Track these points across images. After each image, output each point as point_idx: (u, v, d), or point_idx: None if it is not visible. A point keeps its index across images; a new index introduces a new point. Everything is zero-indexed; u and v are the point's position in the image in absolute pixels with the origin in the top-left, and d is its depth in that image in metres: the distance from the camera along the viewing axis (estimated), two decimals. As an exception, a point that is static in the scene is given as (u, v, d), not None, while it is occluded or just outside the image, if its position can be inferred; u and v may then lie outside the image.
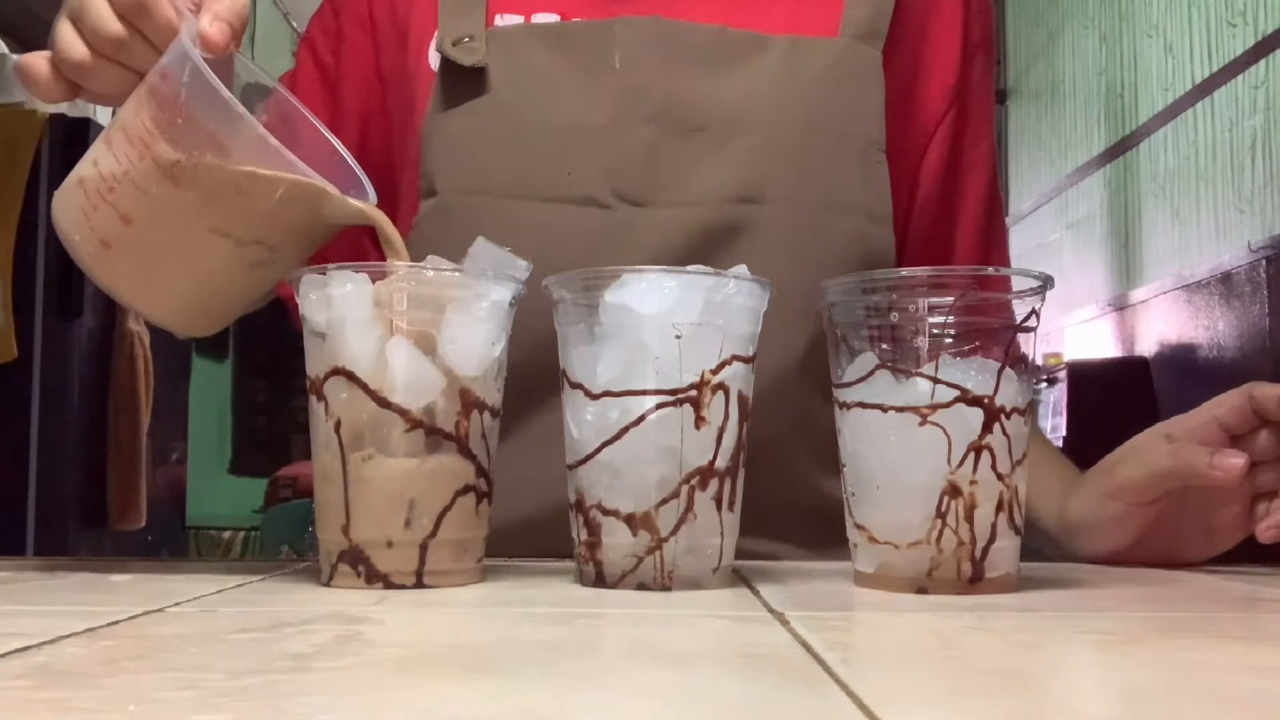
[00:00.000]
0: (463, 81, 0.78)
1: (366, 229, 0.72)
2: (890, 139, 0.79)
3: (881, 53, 0.79)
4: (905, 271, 0.57)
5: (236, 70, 0.64)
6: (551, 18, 0.80)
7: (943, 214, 0.85)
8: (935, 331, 0.56)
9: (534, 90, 0.78)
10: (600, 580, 0.57)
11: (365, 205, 0.61)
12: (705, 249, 0.74)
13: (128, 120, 0.59)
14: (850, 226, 0.77)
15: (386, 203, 0.82)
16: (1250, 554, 0.70)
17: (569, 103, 0.77)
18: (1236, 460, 0.64)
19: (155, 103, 0.58)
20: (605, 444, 0.56)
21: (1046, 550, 0.77)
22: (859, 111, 0.78)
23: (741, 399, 0.57)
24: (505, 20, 0.80)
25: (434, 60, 0.80)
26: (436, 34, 0.79)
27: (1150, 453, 0.68)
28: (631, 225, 0.75)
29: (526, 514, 0.73)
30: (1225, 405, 0.66)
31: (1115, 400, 3.09)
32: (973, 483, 0.55)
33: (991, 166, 0.88)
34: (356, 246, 0.81)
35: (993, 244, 0.88)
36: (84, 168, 0.61)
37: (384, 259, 0.60)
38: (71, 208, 0.60)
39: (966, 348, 0.56)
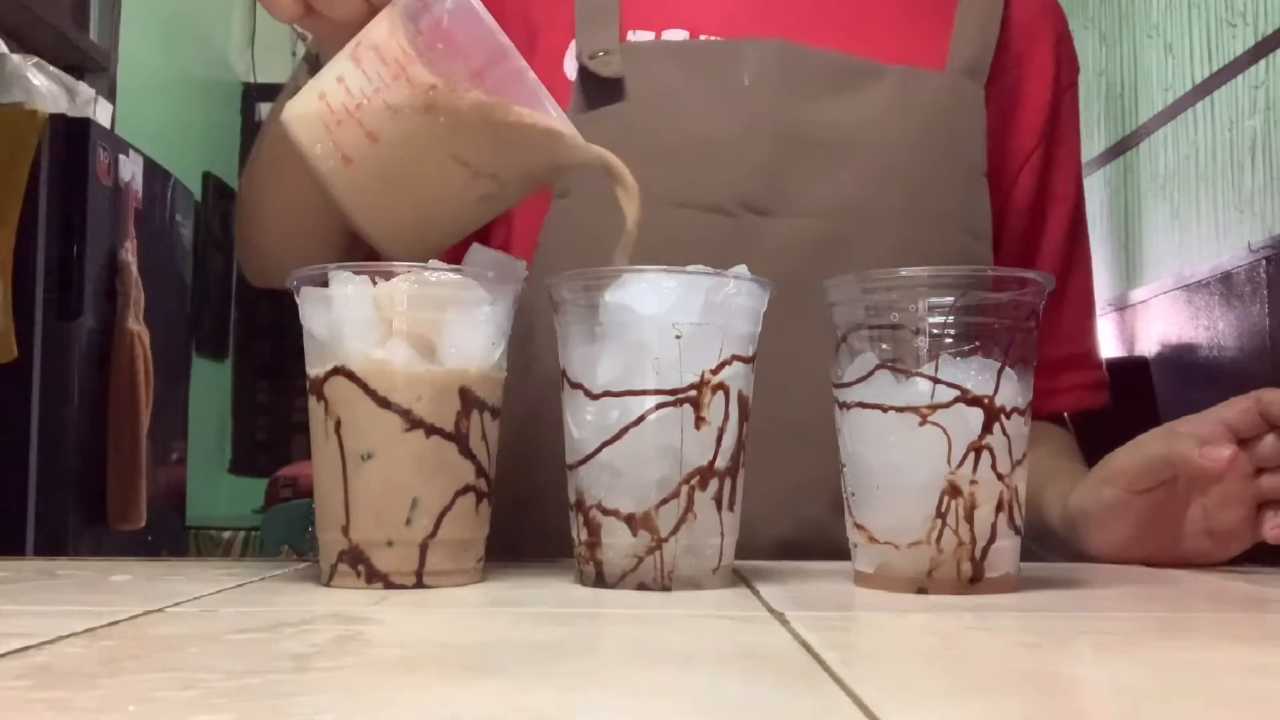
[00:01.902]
0: (599, 91, 0.82)
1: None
2: (986, 167, 0.84)
3: (984, 88, 0.85)
4: (905, 271, 0.57)
5: None
6: (681, 34, 0.85)
7: (1028, 243, 0.89)
8: (935, 331, 0.56)
9: (667, 102, 0.82)
10: (600, 580, 0.57)
11: (604, 151, 0.62)
12: (820, 257, 0.78)
13: (380, 40, 0.59)
14: (954, 241, 0.82)
15: None
16: (1252, 555, 0.70)
17: (699, 115, 0.82)
18: (1224, 451, 0.65)
19: (414, 25, 0.59)
20: (605, 444, 0.56)
21: (1056, 559, 0.77)
22: (964, 139, 0.84)
23: (741, 399, 0.57)
24: (637, 36, 0.84)
25: (570, 70, 0.84)
26: (573, 45, 0.83)
27: (1145, 441, 0.70)
28: (753, 233, 0.79)
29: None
30: (1234, 408, 0.67)
31: (1115, 400, 3.08)
32: (973, 483, 0.55)
33: (1077, 198, 0.92)
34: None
35: (1073, 271, 0.91)
36: (325, 83, 0.61)
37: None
38: (312, 120, 0.61)
39: (967, 348, 0.56)
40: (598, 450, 0.56)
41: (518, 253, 0.84)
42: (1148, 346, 3.29)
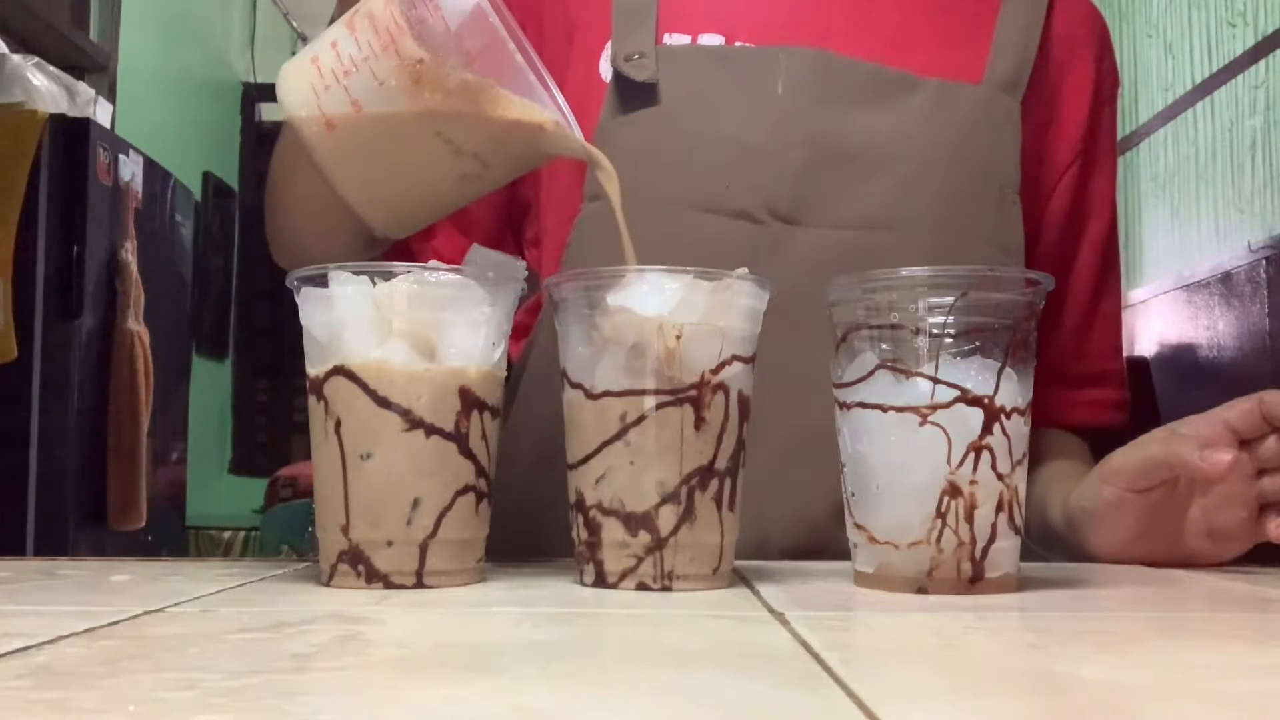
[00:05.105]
0: (633, 94, 0.82)
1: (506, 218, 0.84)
2: (1021, 182, 0.84)
3: (1020, 103, 0.84)
4: (905, 271, 0.57)
5: None
6: (716, 39, 0.84)
7: (1062, 258, 0.88)
8: (935, 331, 0.56)
9: (700, 107, 0.82)
10: (600, 580, 0.57)
11: (591, 147, 0.63)
12: (848, 269, 0.77)
13: (375, 9, 0.60)
14: (984, 256, 0.81)
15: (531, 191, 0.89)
16: (1252, 555, 0.70)
17: (732, 121, 0.81)
18: (1224, 456, 0.65)
19: None
20: (605, 444, 0.56)
21: (1059, 560, 0.77)
22: (997, 155, 0.83)
23: (742, 399, 0.57)
24: (673, 39, 0.84)
25: (605, 71, 0.84)
26: (609, 46, 0.83)
27: (1146, 441, 0.70)
28: (781, 242, 0.79)
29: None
30: (1236, 409, 0.67)
31: (1115, 400, 3.08)
32: (973, 483, 0.55)
33: (1111, 213, 0.91)
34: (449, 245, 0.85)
35: (1105, 288, 0.91)
36: (320, 46, 0.61)
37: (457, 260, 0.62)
38: (301, 82, 0.61)
39: (967, 348, 0.56)
40: (598, 450, 0.56)
41: (549, 254, 0.84)
42: (1148, 346, 3.29)
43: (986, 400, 0.55)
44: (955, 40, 0.86)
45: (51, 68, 2.56)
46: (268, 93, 4.40)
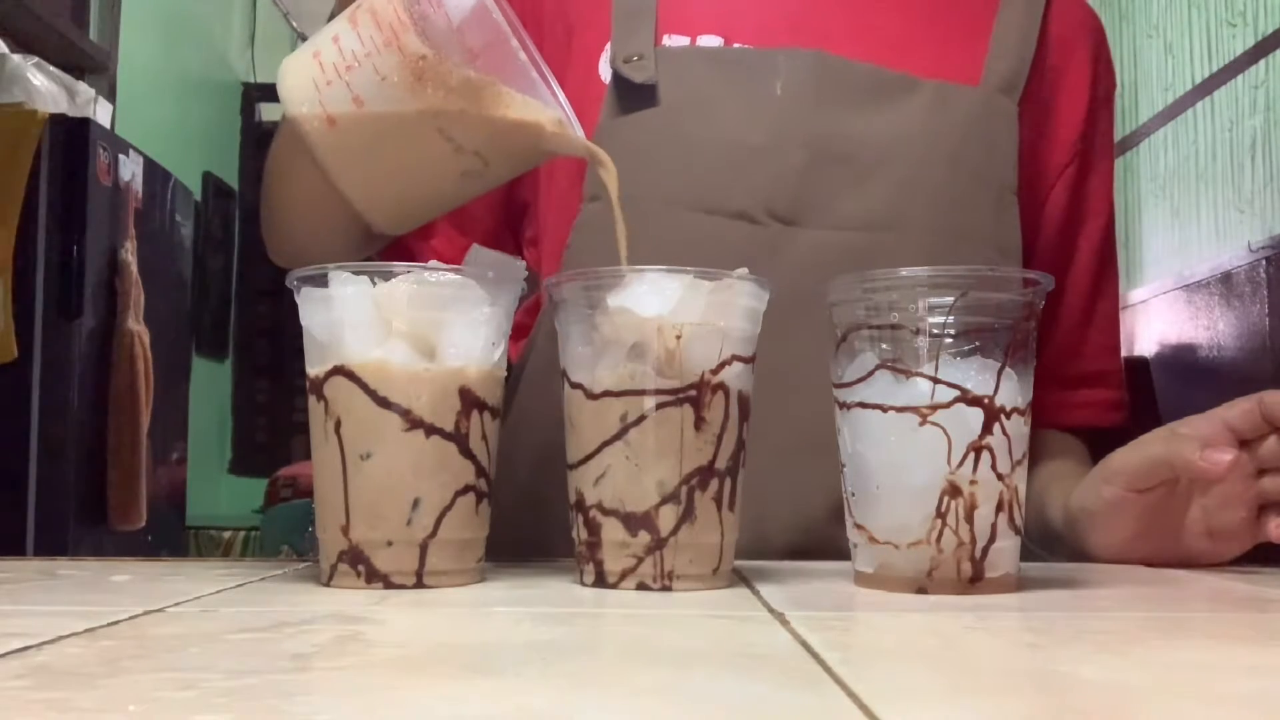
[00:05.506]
0: (633, 95, 0.82)
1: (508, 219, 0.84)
2: (1018, 183, 0.84)
3: (1018, 105, 0.84)
4: (905, 271, 0.57)
5: None
6: (715, 40, 0.85)
7: (1059, 258, 0.88)
8: (935, 331, 0.56)
9: (699, 109, 0.82)
10: (600, 580, 0.57)
11: (592, 145, 0.63)
12: (848, 269, 0.77)
13: (378, 4, 0.60)
14: (982, 257, 0.81)
15: (529, 192, 0.89)
16: (1252, 555, 0.70)
17: (731, 122, 0.82)
18: (1224, 455, 0.65)
19: None
20: (605, 444, 0.56)
21: (1058, 561, 0.77)
22: (995, 156, 0.83)
23: (742, 399, 0.57)
24: (672, 40, 0.84)
25: (604, 72, 0.84)
26: (609, 48, 0.83)
27: (1146, 441, 0.70)
28: (780, 243, 0.79)
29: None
30: (1236, 409, 0.67)
31: (1115, 400, 3.07)
32: (973, 483, 0.55)
33: (1108, 214, 0.92)
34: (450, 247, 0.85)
35: (1103, 288, 0.91)
36: (321, 41, 0.61)
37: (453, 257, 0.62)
38: (303, 77, 0.61)
39: (967, 348, 0.56)
40: (598, 450, 0.56)
41: (548, 254, 0.84)
42: (1148, 346, 3.29)
43: (986, 400, 0.55)
44: (953, 42, 0.86)
45: (51, 68, 2.56)
46: (268, 93, 4.41)
